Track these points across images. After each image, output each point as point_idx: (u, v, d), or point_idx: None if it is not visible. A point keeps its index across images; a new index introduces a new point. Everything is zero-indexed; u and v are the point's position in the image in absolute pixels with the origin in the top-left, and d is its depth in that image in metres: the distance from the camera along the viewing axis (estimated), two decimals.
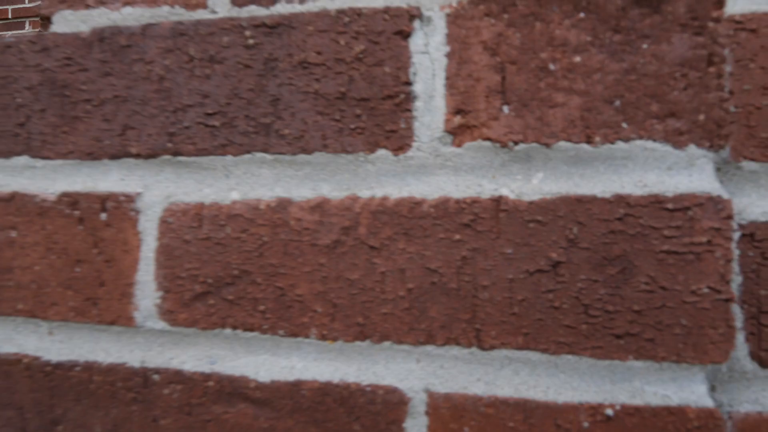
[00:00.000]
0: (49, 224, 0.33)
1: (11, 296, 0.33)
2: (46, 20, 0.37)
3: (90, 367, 0.32)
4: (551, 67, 0.27)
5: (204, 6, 0.33)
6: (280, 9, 0.32)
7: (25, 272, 0.33)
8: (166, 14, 0.34)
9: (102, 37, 0.32)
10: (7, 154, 0.34)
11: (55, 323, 0.33)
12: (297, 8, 0.32)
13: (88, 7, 0.35)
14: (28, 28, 3.28)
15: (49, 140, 0.33)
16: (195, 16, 0.33)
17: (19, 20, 3.36)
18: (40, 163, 0.33)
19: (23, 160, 0.34)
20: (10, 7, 3.35)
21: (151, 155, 0.31)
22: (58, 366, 0.33)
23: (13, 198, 0.33)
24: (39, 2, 3.15)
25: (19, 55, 0.34)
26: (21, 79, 0.34)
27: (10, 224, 0.33)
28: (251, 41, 0.30)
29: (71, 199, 0.32)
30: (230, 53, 0.31)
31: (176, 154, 0.31)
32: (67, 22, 0.36)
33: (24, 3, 3.29)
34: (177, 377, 0.31)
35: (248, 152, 0.30)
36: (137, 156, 0.32)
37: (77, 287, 0.32)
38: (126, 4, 0.35)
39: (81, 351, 0.33)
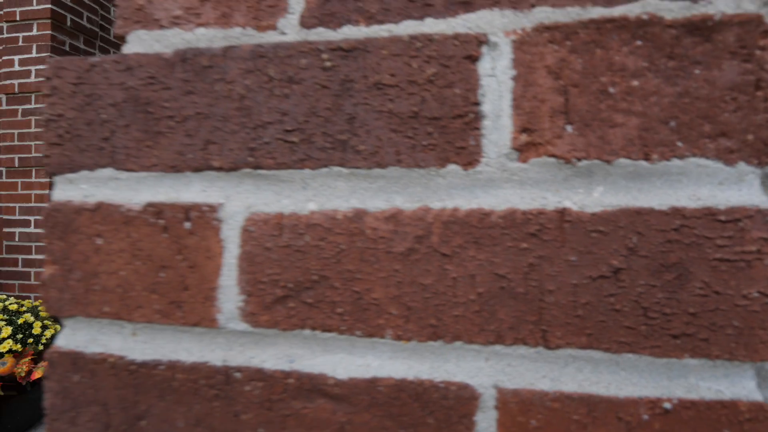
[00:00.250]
0: (134, 232, 0.35)
1: (97, 299, 0.36)
2: (120, 39, 0.39)
3: (173, 366, 0.35)
4: (611, 90, 0.29)
5: (274, 28, 0.36)
6: (347, 31, 0.35)
7: (111, 277, 0.36)
8: (238, 35, 0.36)
9: (184, 57, 0.35)
10: (93, 167, 0.36)
11: (139, 325, 0.35)
12: (364, 31, 0.34)
13: (162, 27, 0.38)
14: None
15: (132, 154, 0.35)
16: (265, 36, 0.36)
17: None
18: (124, 175, 0.36)
19: (108, 172, 0.36)
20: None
21: (232, 168, 0.34)
22: (143, 365, 0.35)
23: (99, 208, 0.36)
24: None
25: (104, 74, 0.36)
26: (105, 97, 0.36)
27: (96, 232, 0.36)
28: (328, 63, 0.33)
29: (156, 209, 0.35)
30: (308, 74, 0.33)
31: (257, 167, 0.33)
32: (141, 41, 0.38)
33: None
34: (258, 375, 0.33)
35: (325, 166, 0.33)
36: (219, 169, 0.34)
37: (162, 291, 0.35)
38: (199, 25, 0.37)
39: (164, 351, 0.35)
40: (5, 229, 3.47)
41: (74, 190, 0.37)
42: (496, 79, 0.31)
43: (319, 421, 0.32)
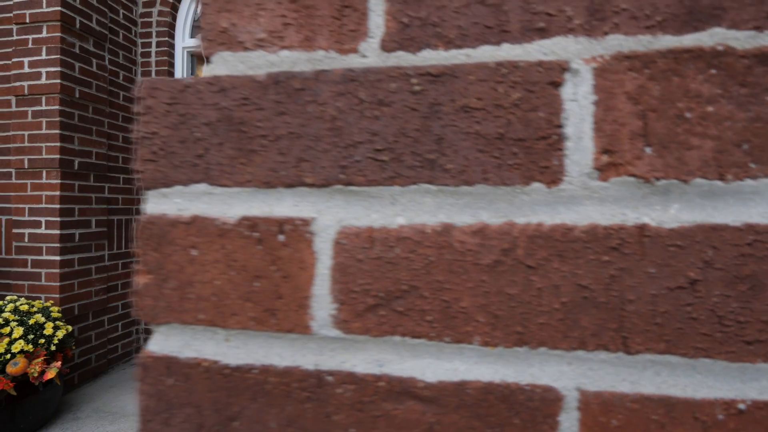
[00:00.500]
0: (229, 244, 0.37)
1: (192, 307, 0.38)
2: (205, 60, 0.42)
3: (266, 370, 0.37)
4: (687, 115, 0.32)
5: (355, 51, 0.38)
6: (426, 55, 0.37)
7: (206, 286, 0.38)
8: (321, 57, 0.39)
9: (277, 80, 0.37)
10: (187, 182, 0.38)
11: (232, 331, 0.38)
12: (443, 55, 0.36)
13: (246, 49, 0.40)
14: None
15: (226, 170, 0.38)
16: (347, 59, 0.38)
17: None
18: (218, 190, 0.38)
19: (202, 187, 0.38)
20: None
21: (324, 184, 0.36)
22: (237, 369, 0.37)
23: (194, 221, 0.38)
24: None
25: (197, 95, 0.38)
26: (199, 116, 0.38)
27: (191, 244, 0.38)
28: (417, 87, 0.35)
29: (251, 223, 0.37)
30: (397, 97, 0.35)
31: (348, 184, 0.36)
32: (225, 62, 0.40)
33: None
34: (349, 378, 0.36)
35: (414, 183, 0.35)
36: (311, 185, 0.36)
37: (256, 299, 0.37)
38: (283, 47, 0.39)
39: (257, 356, 0.37)
40: (15, 230, 3.49)
41: (168, 203, 0.39)
42: (577, 104, 0.33)
43: (408, 422, 0.35)
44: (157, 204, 0.39)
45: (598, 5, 0.35)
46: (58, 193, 3.40)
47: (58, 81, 3.37)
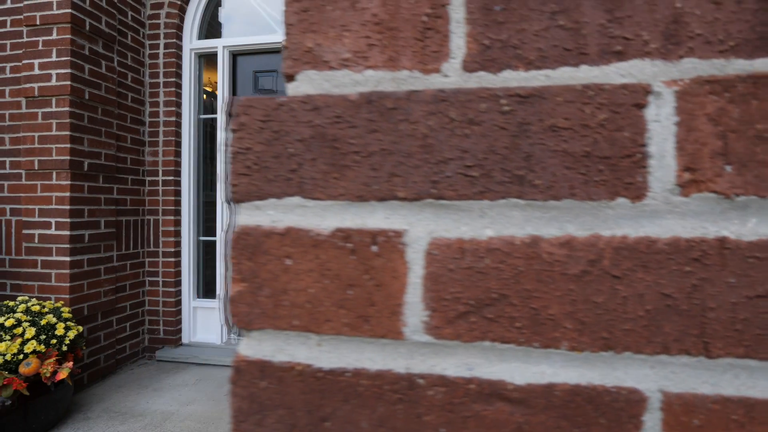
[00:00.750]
0: (322, 254, 0.40)
1: (286, 314, 0.40)
2: (290, 78, 0.44)
3: (359, 373, 0.39)
4: (766, 135, 0.34)
5: (438, 71, 0.40)
6: (506, 76, 0.39)
7: (300, 294, 0.40)
8: (405, 77, 0.41)
9: (370, 100, 0.39)
10: (281, 195, 0.41)
11: (325, 336, 0.40)
12: (523, 76, 0.39)
13: (331, 68, 0.42)
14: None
15: (320, 184, 0.40)
16: (430, 79, 0.40)
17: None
18: (311, 203, 0.40)
19: (296, 200, 0.40)
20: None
21: (415, 198, 0.38)
22: (330, 372, 0.40)
23: (288, 232, 0.40)
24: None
25: (291, 113, 0.41)
26: (293, 133, 0.40)
27: (285, 254, 0.40)
28: (506, 108, 0.37)
29: (344, 234, 0.39)
30: (487, 117, 0.37)
31: (439, 198, 0.38)
32: (311, 81, 0.43)
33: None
34: (440, 381, 0.38)
35: (503, 198, 0.37)
36: (403, 199, 0.39)
37: (349, 306, 0.39)
38: (368, 67, 0.42)
39: (348, 360, 0.40)
40: (24, 231, 3.50)
41: (261, 215, 0.41)
42: (660, 124, 0.35)
43: (497, 422, 0.37)
44: (251, 216, 0.41)
45: (674, 30, 0.37)
46: (68, 194, 3.42)
47: (69, 83, 3.39)
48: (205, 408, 3.34)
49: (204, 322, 4.40)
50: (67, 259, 3.43)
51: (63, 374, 2.91)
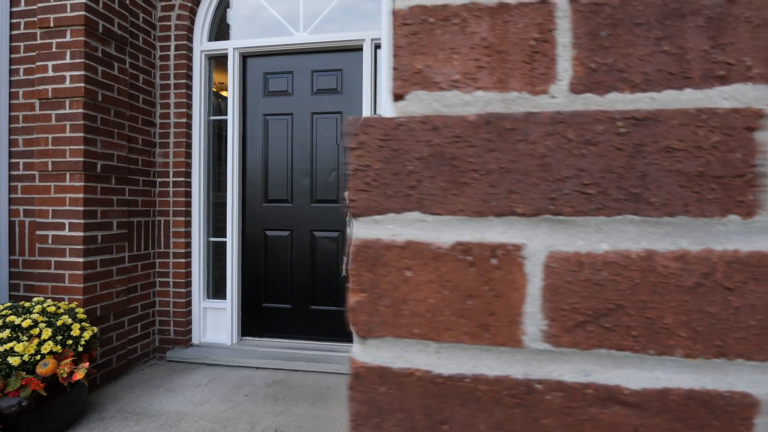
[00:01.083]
0: (442, 266, 0.42)
1: (406, 323, 0.43)
2: (399, 97, 0.46)
3: (477, 379, 0.42)
4: None
5: (546, 92, 0.43)
6: (612, 98, 0.42)
7: (419, 304, 0.42)
8: (513, 98, 0.43)
9: (488, 120, 0.42)
10: (400, 210, 0.43)
11: (444, 344, 0.42)
12: (629, 98, 0.41)
13: (441, 89, 0.45)
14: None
15: (439, 200, 0.42)
16: (537, 100, 0.43)
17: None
18: (430, 218, 0.42)
19: (415, 215, 0.43)
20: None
21: (533, 214, 0.41)
22: (449, 378, 0.42)
23: (408, 245, 0.43)
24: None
25: (410, 132, 0.43)
26: (412, 151, 0.43)
27: (405, 266, 0.43)
28: (622, 130, 0.40)
29: (464, 248, 0.42)
30: (603, 138, 0.40)
31: (556, 214, 0.40)
32: (420, 101, 0.45)
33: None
34: (558, 386, 0.40)
35: (619, 214, 0.40)
36: (521, 215, 0.41)
37: (469, 316, 0.42)
38: (477, 88, 0.44)
39: (467, 366, 0.42)
40: (38, 232, 3.51)
41: (380, 229, 0.43)
42: None
43: (614, 425, 0.40)
44: (370, 229, 0.44)
45: None
46: (81, 195, 3.43)
47: (83, 85, 3.40)
48: (219, 409, 3.36)
49: (213, 322, 4.42)
50: (81, 260, 3.44)
51: (80, 375, 2.93)
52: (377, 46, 4.11)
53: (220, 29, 4.48)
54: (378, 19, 4.16)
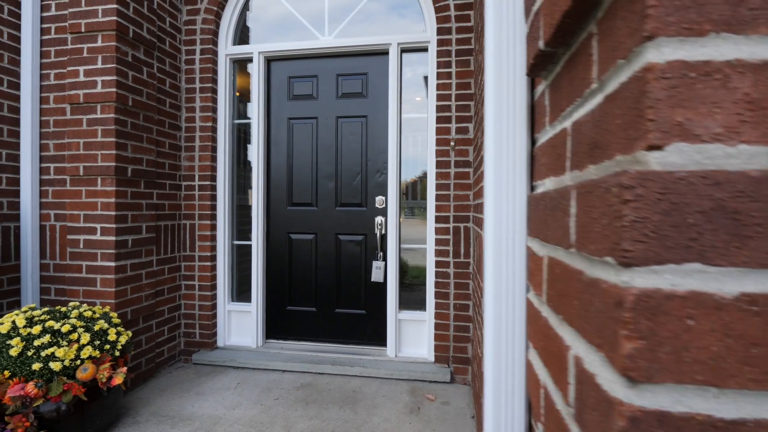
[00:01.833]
0: (726, 316, 0.44)
1: (687, 369, 0.45)
2: (656, 148, 0.48)
3: (759, 423, 0.44)
4: None
5: None
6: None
7: (701, 351, 0.44)
8: None
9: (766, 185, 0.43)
10: (680, 261, 0.45)
11: (725, 390, 0.44)
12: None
13: (702, 141, 0.46)
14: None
15: (720, 252, 0.44)
16: None
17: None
18: (711, 269, 0.44)
19: (696, 266, 0.44)
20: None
21: None
22: (731, 423, 0.44)
23: (690, 296, 0.44)
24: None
25: (690, 186, 0.45)
26: (692, 204, 0.45)
27: (687, 315, 0.44)
28: None
29: (750, 299, 0.44)
30: None
31: None
32: (681, 152, 0.47)
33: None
34: None
35: None
36: None
37: (754, 363, 0.43)
38: (741, 141, 0.46)
39: (748, 410, 0.44)
40: (69, 236, 3.51)
41: (658, 279, 0.45)
42: None
43: None
44: (647, 279, 0.45)
45: None
46: (113, 200, 3.43)
47: (114, 90, 3.39)
48: (253, 413, 3.38)
49: (238, 325, 4.42)
50: (112, 264, 3.44)
51: (119, 379, 2.94)
52: (403, 50, 4.12)
53: (242, 33, 4.47)
54: (404, 24, 4.17)
